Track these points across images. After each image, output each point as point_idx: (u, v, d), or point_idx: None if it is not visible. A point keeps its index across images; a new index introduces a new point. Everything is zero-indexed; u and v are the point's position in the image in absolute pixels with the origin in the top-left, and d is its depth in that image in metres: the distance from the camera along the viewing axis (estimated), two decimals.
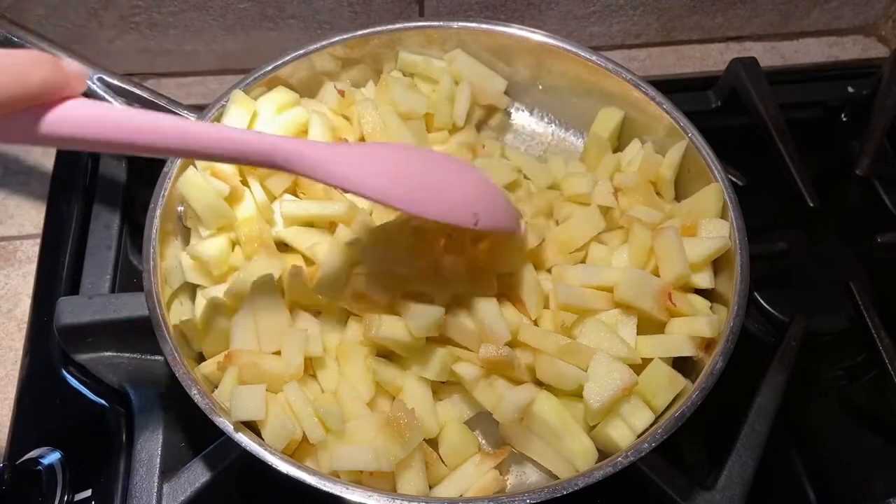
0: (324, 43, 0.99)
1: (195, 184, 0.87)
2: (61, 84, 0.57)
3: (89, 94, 0.95)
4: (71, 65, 0.58)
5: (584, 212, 0.91)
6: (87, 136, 0.58)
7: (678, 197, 0.98)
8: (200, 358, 0.84)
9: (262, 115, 0.96)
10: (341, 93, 1.00)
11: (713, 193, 0.90)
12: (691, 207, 0.92)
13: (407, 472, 0.76)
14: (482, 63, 1.06)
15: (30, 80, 0.54)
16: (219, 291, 0.86)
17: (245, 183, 0.92)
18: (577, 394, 0.78)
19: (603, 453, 0.78)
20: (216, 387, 0.80)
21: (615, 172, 0.98)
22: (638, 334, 0.83)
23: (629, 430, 0.77)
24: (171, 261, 0.87)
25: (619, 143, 1.05)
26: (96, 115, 0.59)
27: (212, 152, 0.64)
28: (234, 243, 0.90)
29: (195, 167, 0.89)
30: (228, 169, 0.90)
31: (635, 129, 1.03)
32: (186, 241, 0.92)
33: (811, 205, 1.06)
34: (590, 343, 0.80)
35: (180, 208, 0.92)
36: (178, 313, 0.85)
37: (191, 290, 0.90)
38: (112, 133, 0.59)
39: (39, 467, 0.82)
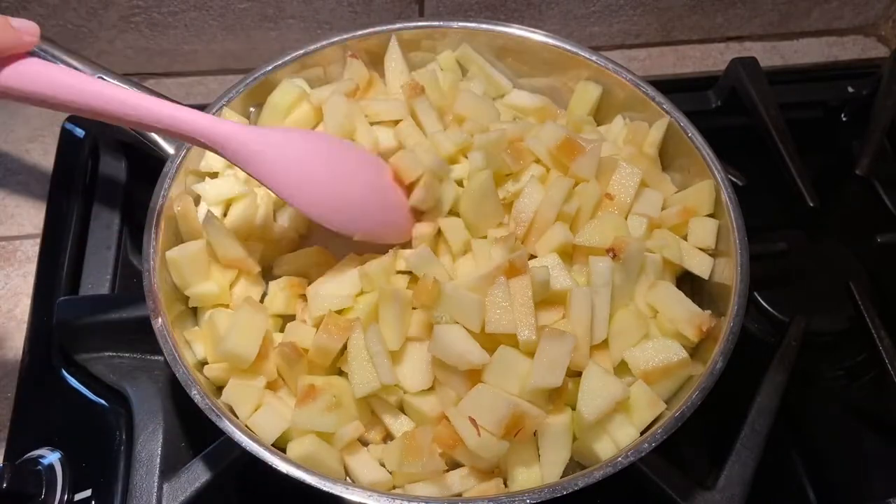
0: (324, 43, 0.99)
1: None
2: (12, 41, 0.64)
3: None
4: (20, 22, 0.65)
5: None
6: (37, 92, 0.66)
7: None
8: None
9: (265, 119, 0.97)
10: (354, 56, 1.00)
11: (706, 190, 0.90)
12: (685, 202, 0.92)
13: None
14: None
15: None
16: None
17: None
18: None
19: (581, 466, 0.78)
20: (219, 389, 0.80)
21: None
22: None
23: (613, 444, 0.76)
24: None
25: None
26: (51, 75, 0.67)
27: (147, 124, 0.71)
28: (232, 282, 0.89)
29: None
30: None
31: None
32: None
33: (811, 205, 1.06)
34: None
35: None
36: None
37: None
38: (55, 91, 0.66)
39: (39, 467, 0.82)
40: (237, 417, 0.77)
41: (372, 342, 0.77)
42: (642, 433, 0.76)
